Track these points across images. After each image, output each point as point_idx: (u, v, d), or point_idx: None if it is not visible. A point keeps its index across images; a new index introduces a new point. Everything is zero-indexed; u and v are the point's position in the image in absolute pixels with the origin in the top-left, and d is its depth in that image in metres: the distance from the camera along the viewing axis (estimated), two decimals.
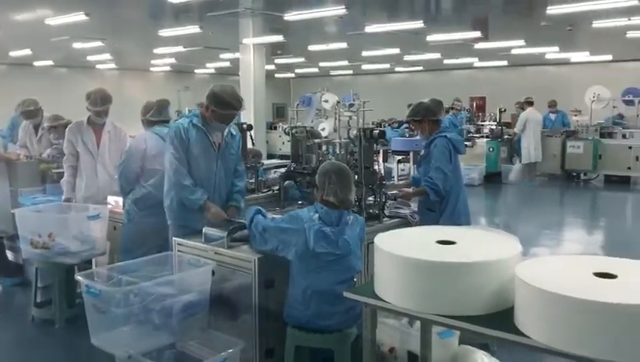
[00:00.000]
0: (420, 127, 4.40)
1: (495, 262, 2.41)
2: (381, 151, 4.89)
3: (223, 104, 3.79)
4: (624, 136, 12.59)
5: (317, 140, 4.34)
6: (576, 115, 14.23)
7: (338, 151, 4.22)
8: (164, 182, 3.97)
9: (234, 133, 4.08)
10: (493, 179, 12.63)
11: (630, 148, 12.12)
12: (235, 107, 3.84)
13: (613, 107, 13.83)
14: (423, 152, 4.47)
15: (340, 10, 9.21)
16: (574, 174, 13.02)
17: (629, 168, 12.15)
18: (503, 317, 2.35)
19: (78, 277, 3.16)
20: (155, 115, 4.73)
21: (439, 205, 4.25)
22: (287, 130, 4.49)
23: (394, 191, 4.41)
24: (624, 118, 14.57)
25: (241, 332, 3.36)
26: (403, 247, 2.58)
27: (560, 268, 2.38)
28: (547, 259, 2.57)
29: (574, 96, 14.82)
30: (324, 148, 4.37)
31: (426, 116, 4.36)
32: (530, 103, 12.88)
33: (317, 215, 3.14)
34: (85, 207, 4.72)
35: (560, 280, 2.19)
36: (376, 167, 4.29)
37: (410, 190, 4.37)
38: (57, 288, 4.59)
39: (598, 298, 2.01)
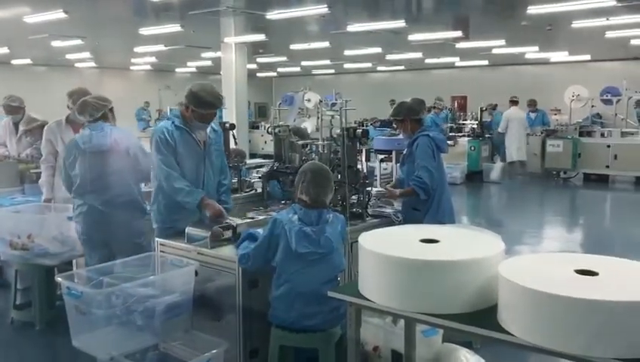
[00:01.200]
0: (402, 126, 4.44)
1: (478, 261, 2.42)
2: (364, 151, 4.87)
3: (202, 103, 3.75)
4: (603, 135, 12.77)
5: (300, 141, 4.31)
6: (555, 114, 14.40)
7: (321, 151, 4.21)
8: (153, 189, 3.92)
9: (216, 128, 4.04)
10: (474, 177, 12.73)
11: (609, 146, 12.30)
12: (215, 105, 3.81)
13: (592, 106, 14.02)
14: (405, 151, 4.49)
15: (322, 9, 9.20)
16: (554, 173, 13.16)
17: (608, 167, 12.33)
18: (486, 314, 2.37)
19: (59, 279, 3.12)
20: (80, 115, 4.27)
21: (424, 204, 4.25)
22: (269, 130, 4.46)
23: (379, 190, 4.41)
24: (602, 117, 14.79)
25: (225, 333, 3.35)
26: (387, 246, 2.59)
27: (542, 265, 2.41)
28: (529, 256, 2.60)
29: (553, 96, 15.01)
30: (307, 147, 4.35)
31: (408, 115, 4.39)
32: (515, 103, 12.99)
33: (296, 216, 3.13)
34: (65, 208, 4.65)
35: (543, 278, 2.21)
36: (359, 166, 4.29)
37: (397, 191, 4.35)
38: (37, 290, 4.53)
39: (580, 295, 2.04)
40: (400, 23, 10.93)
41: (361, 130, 4.02)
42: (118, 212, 4.10)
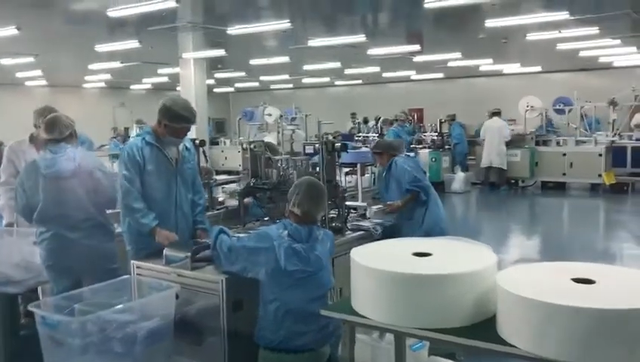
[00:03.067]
0: (379, 158, 4.96)
1: (476, 273, 2.41)
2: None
3: (176, 118, 3.64)
4: (558, 144, 13.13)
5: (276, 156, 4.24)
6: (511, 124, 14.74)
7: (299, 165, 4.16)
8: (121, 209, 3.76)
9: (188, 146, 3.94)
10: (436, 188, 12.77)
11: (564, 155, 12.66)
12: (189, 120, 3.70)
13: (546, 116, 14.44)
14: (384, 174, 4.92)
15: (284, 24, 9.18)
16: (513, 181, 13.45)
17: (564, 174, 12.68)
18: (485, 327, 2.34)
19: (33, 309, 2.93)
20: (49, 132, 4.00)
21: (420, 211, 4.57)
22: (244, 145, 4.38)
23: (380, 207, 4.64)
24: (553, 125, 15.24)
25: (209, 357, 3.23)
26: (380, 261, 2.54)
27: (539, 275, 2.40)
28: (524, 266, 2.60)
29: (507, 106, 15.38)
30: (283, 163, 4.29)
31: (386, 150, 4.92)
32: (497, 113, 13.32)
33: (286, 232, 3.05)
34: (29, 232, 4.42)
35: (542, 288, 2.20)
36: (338, 180, 4.26)
37: (398, 202, 4.63)
38: (1, 320, 4.28)
39: (582, 304, 2.03)
40: (360, 38, 11.02)
41: (340, 144, 3.98)
42: (84, 237, 3.89)
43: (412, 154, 5.41)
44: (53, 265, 3.93)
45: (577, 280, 2.28)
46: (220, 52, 12.19)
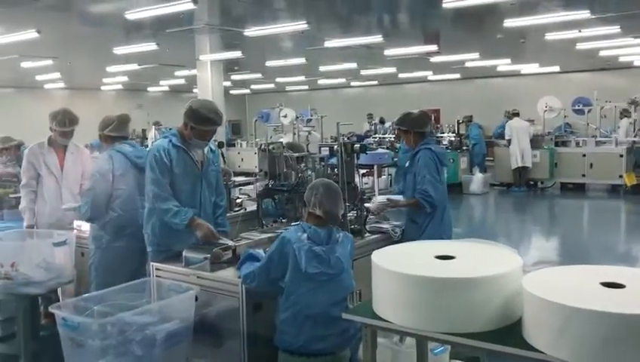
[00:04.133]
0: (405, 136, 4.46)
1: (501, 276, 2.35)
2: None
3: (203, 120, 3.63)
4: (578, 145, 12.97)
5: (298, 153, 4.21)
6: (530, 125, 14.58)
7: (318, 166, 4.13)
8: (146, 210, 3.76)
9: (213, 148, 3.95)
10: (454, 189, 12.76)
11: (584, 155, 12.49)
12: (216, 122, 3.69)
13: (565, 116, 14.26)
14: (407, 163, 4.49)
15: (301, 26, 9.16)
16: (532, 183, 13.30)
17: (584, 175, 12.52)
18: (510, 331, 2.29)
19: (54, 310, 2.94)
20: (115, 130, 4.39)
21: (425, 217, 4.24)
22: (262, 146, 4.36)
23: (383, 198, 4.39)
24: (572, 126, 15.07)
25: (228, 360, 3.21)
26: (403, 264, 2.50)
27: (567, 279, 2.34)
28: (551, 270, 2.53)
29: (525, 107, 15.23)
30: (302, 164, 4.26)
31: (412, 127, 4.41)
32: (516, 114, 13.17)
33: (305, 234, 3.03)
34: (50, 233, 4.45)
35: (570, 292, 2.14)
36: (356, 182, 4.22)
37: (400, 200, 4.35)
38: (22, 321, 4.29)
39: (611, 309, 1.97)
40: (377, 38, 10.97)
41: (359, 145, 3.95)
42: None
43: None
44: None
45: (606, 284, 2.22)
46: (236, 54, 12.21)
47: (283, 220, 4.20)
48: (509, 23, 9.40)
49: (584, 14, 8.59)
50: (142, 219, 3.87)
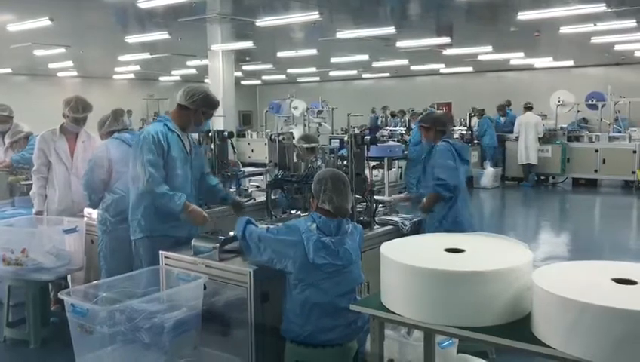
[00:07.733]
0: (427, 132, 4.67)
1: (511, 270, 2.33)
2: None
3: (213, 105, 3.79)
4: (590, 140, 12.83)
5: (309, 144, 4.20)
6: (542, 120, 14.46)
7: (327, 158, 4.11)
8: (131, 194, 3.75)
9: (195, 142, 4.11)
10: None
11: (597, 151, 12.36)
12: (217, 107, 3.90)
13: (578, 111, 14.12)
14: (423, 156, 4.70)
15: (314, 16, 9.12)
16: (542, 178, 13.19)
17: (596, 171, 12.40)
18: (519, 326, 2.27)
19: (63, 297, 2.95)
20: (111, 124, 4.53)
21: (443, 210, 4.34)
22: (272, 137, 4.36)
23: (401, 196, 4.58)
24: (588, 122, 14.90)
25: (236, 349, 3.22)
26: (412, 257, 2.48)
27: (578, 274, 2.31)
28: (562, 265, 2.51)
29: (538, 101, 15.09)
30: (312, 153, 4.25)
31: (434, 124, 4.63)
32: (529, 108, 13.01)
33: (314, 225, 3.02)
34: (60, 220, 4.48)
35: (582, 288, 2.12)
36: (366, 174, 4.20)
37: (424, 202, 4.45)
38: (32, 307, 4.34)
39: (623, 305, 1.95)
40: (390, 30, 10.90)
41: (369, 137, 3.93)
42: None
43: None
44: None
45: (618, 281, 2.19)
46: (247, 44, 12.20)
47: (292, 212, 4.19)
48: (523, 15, 9.30)
49: (600, 7, 8.49)
50: None
